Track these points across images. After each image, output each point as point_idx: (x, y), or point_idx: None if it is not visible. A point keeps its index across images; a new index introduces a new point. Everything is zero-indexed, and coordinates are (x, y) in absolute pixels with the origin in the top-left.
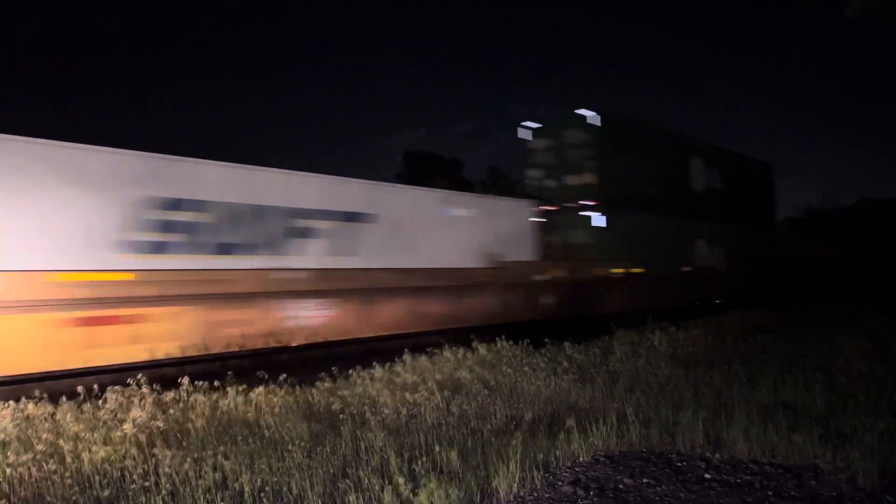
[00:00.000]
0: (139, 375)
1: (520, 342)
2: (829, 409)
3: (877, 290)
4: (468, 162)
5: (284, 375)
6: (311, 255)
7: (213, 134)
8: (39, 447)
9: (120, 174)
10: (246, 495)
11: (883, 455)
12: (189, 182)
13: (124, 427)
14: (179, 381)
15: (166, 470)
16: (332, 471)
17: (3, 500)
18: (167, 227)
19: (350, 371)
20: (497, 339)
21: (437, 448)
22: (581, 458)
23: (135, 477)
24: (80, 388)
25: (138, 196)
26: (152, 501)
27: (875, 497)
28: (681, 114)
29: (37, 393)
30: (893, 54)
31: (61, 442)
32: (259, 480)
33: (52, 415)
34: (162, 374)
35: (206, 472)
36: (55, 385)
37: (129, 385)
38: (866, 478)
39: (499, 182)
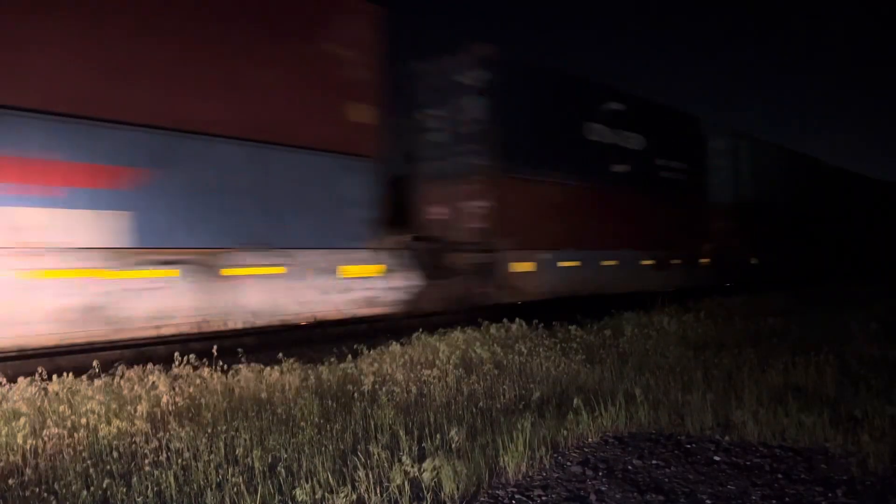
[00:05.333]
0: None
1: (531, 323)
2: (839, 393)
3: (887, 272)
4: None
5: (297, 353)
6: None
7: None
8: (54, 420)
9: None
10: (257, 471)
11: (894, 439)
12: None
13: (139, 403)
14: (190, 358)
15: (178, 445)
16: (342, 447)
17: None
18: None
19: (361, 348)
20: (507, 320)
21: (446, 426)
22: (590, 439)
23: (147, 451)
24: (95, 363)
25: None
26: (164, 476)
27: (885, 481)
28: (686, 90)
29: (55, 367)
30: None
31: (76, 416)
32: (270, 457)
33: (68, 388)
34: (174, 350)
35: (217, 448)
36: (72, 360)
37: (146, 362)
38: (877, 461)
39: None
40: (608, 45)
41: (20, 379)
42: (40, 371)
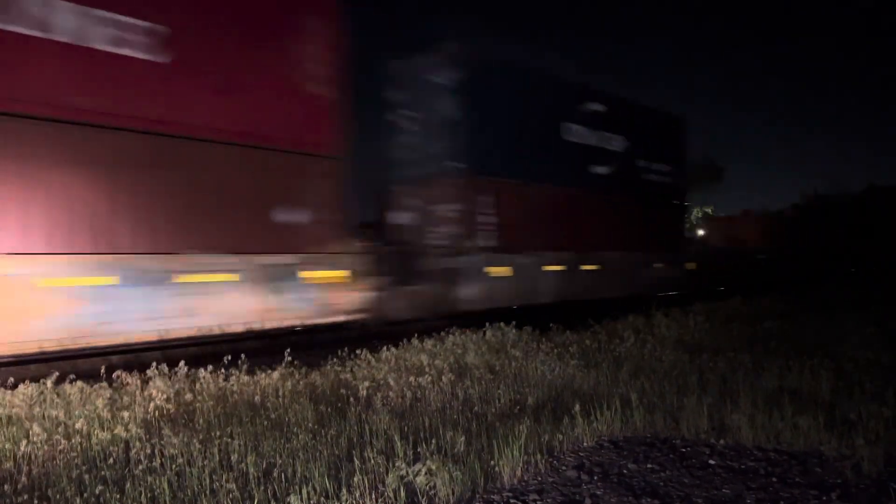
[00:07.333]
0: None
1: (525, 328)
2: (834, 396)
3: (884, 276)
4: None
5: (291, 358)
6: None
7: None
8: (48, 426)
9: None
10: (251, 476)
11: (888, 442)
12: None
13: (134, 409)
14: (182, 363)
15: (172, 451)
16: (337, 452)
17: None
18: None
19: (356, 353)
20: (503, 324)
21: (441, 431)
22: (585, 443)
23: (141, 457)
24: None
25: None
26: (158, 482)
27: (880, 484)
28: (677, 101)
29: (51, 372)
30: None
31: (69, 421)
32: (265, 463)
33: (61, 394)
34: (170, 355)
35: (211, 454)
36: (65, 365)
37: (138, 366)
38: (871, 465)
39: None
40: (602, 49)
41: (17, 384)
42: (36, 376)
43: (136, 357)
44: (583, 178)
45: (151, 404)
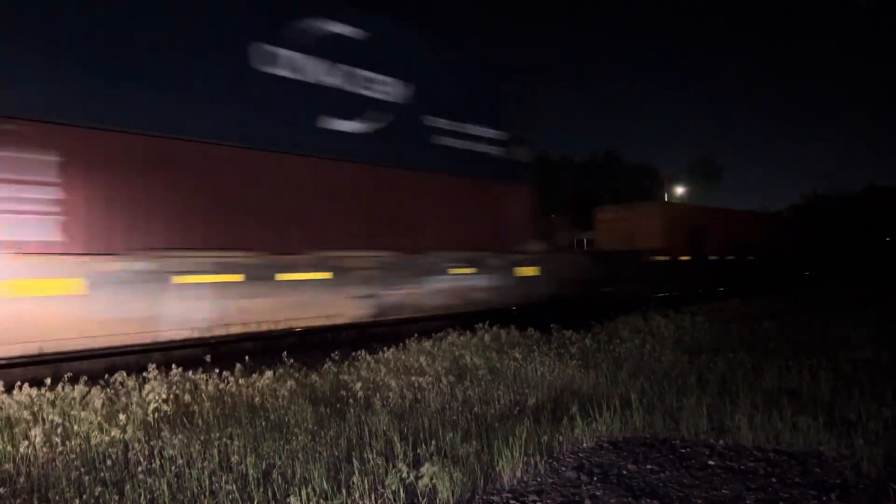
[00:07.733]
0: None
1: (525, 328)
2: (833, 397)
3: (883, 276)
4: None
5: (291, 360)
6: None
7: None
8: (47, 428)
9: None
10: (250, 477)
11: (887, 442)
12: None
13: (132, 410)
14: (181, 366)
15: (172, 452)
16: (336, 453)
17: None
18: None
19: (355, 354)
20: (503, 324)
21: (441, 432)
22: (584, 444)
23: (140, 458)
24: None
25: None
26: (158, 483)
27: (879, 484)
28: (677, 100)
29: (51, 374)
30: None
31: (68, 423)
32: (264, 464)
33: (60, 396)
34: (168, 356)
35: (211, 455)
36: (64, 367)
37: (136, 368)
38: (871, 465)
39: None
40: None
41: (17, 386)
42: (35, 378)
43: (136, 358)
44: (303, 135)
45: (150, 406)
